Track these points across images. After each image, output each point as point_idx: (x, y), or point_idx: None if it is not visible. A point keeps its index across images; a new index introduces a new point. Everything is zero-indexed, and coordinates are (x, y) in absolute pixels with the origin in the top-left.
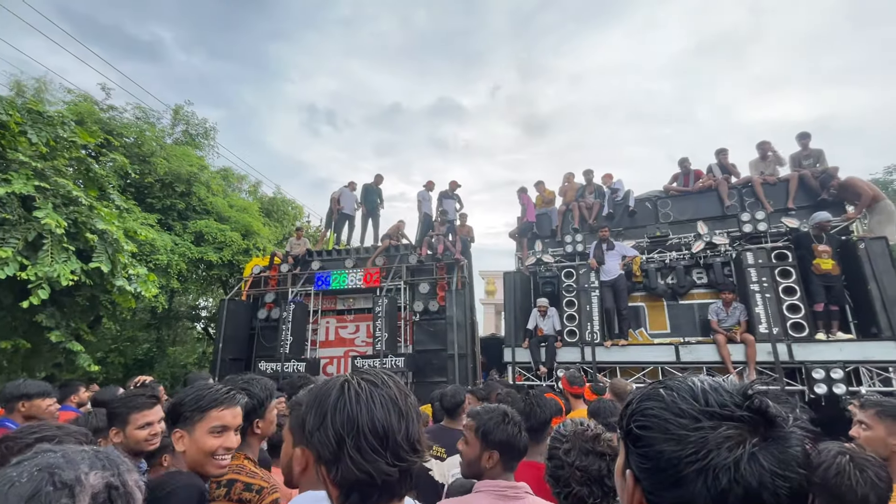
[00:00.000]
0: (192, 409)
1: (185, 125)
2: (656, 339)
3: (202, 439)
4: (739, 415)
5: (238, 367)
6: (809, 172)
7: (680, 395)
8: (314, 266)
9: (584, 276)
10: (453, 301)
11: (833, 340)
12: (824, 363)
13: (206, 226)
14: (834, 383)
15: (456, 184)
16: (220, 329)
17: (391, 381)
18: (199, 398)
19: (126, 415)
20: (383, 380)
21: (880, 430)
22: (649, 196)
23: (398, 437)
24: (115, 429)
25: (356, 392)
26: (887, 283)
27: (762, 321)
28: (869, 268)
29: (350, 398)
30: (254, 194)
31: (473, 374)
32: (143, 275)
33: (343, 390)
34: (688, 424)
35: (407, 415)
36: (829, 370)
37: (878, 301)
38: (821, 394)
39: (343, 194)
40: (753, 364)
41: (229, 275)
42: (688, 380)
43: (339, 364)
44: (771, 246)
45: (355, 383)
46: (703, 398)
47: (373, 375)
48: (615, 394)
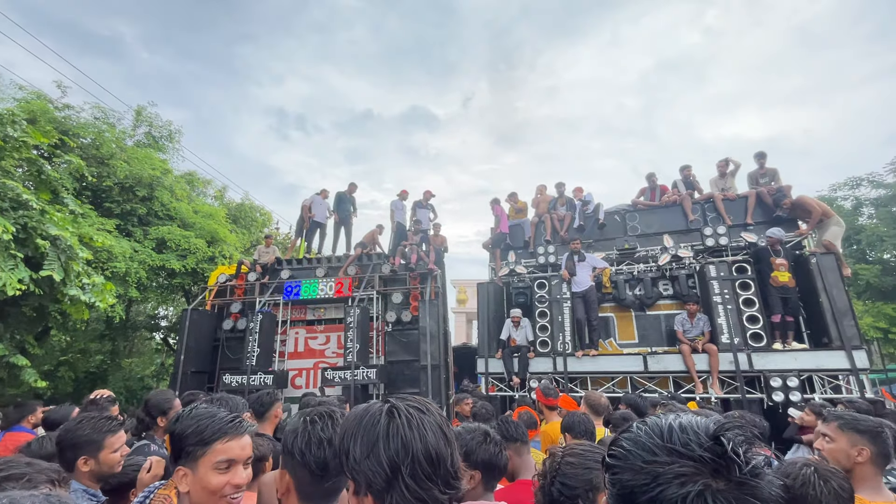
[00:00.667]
0: (193, 442)
1: (149, 127)
2: (625, 348)
3: (207, 477)
4: (699, 454)
5: (201, 380)
6: (766, 190)
7: (648, 431)
8: (283, 275)
9: (557, 287)
10: (426, 311)
11: (788, 350)
12: (781, 372)
13: (169, 232)
14: (790, 391)
15: (430, 193)
16: (181, 340)
17: (434, 407)
18: (201, 429)
19: (101, 440)
20: (428, 406)
21: (842, 443)
22: (618, 209)
23: (448, 464)
24: (84, 457)
25: (407, 418)
26: (836, 296)
27: (724, 331)
28: (820, 281)
29: (402, 424)
30: (220, 200)
31: (446, 385)
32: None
33: (393, 416)
34: (646, 457)
35: (452, 442)
36: (785, 378)
37: (828, 313)
38: (778, 401)
39: (315, 202)
40: (716, 373)
41: (193, 283)
42: (667, 417)
43: (308, 376)
44: (731, 259)
45: (404, 410)
46: (668, 435)
47: (418, 402)
48: (590, 406)
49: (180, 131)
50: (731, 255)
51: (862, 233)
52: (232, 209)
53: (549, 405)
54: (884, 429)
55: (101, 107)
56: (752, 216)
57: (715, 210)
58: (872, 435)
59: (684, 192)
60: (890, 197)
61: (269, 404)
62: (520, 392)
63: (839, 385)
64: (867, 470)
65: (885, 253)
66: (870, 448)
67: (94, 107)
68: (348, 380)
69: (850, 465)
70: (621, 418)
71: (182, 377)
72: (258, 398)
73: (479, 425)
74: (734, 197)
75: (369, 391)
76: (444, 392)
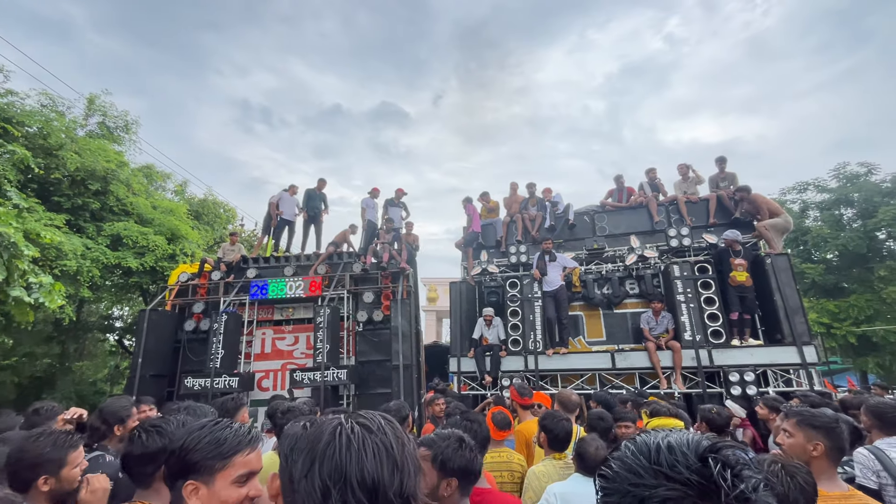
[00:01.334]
0: (211, 456)
1: (102, 116)
2: (594, 346)
3: (226, 491)
4: (686, 477)
5: (160, 384)
6: (725, 193)
7: (635, 452)
8: (250, 274)
9: (528, 286)
10: (398, 310)
11: (745, 346)
12: (739, 367)
13: (125, 228)
14: (747, 385)
15: (402, 191)
16: (139, 342)
17: (389, 426)
18: (220, 442)
19: (64, 457)
20: (380, 425)
21: (800, 438)
22: (587, 210)
23: (389, 492)
24: (45, 477)
25: (347, 437)
26: (789, 295)
27: (687, 329)
28: (774, 281)
29: (340, 444)
30: (181, 194)
31: (418, 385)
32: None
33: (334, 435)
34: (632, 479)
35: (402, 467)
36: (742, 373)
37: (781, 310)
38: (736, 395)
39: (283, 199)
40: (679, 369)
41: (151, 282)
42: (656, 435)
43: (275, 378)
44: (694, 259)
45: (348, 427)
46: (656, 456)
47: (368, 419)
48: (562, 404)
49: (137, 122)
50: (694, 256)
51: (808, 234)
52: (194, 205)
53: (523, 404)
54: (838, 424)
55: (48, 94)
56: (713, 217)
57: (678, 212)
58: (827, 430)
59: (650, 194)
60: (833, 201)
61: (234, 409)
62: (492, 390)
63: (791, 378)
64: (822, 463)
65: (828, 253)
66: (824, 443)
67: (41, 93)
68: (318, 381)
69: (807, 459)
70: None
71: (140, 381)
72: (222, 404)
73: (452, 431)
74: (697, 200)
75: (339, 392)
76: (416, 392)
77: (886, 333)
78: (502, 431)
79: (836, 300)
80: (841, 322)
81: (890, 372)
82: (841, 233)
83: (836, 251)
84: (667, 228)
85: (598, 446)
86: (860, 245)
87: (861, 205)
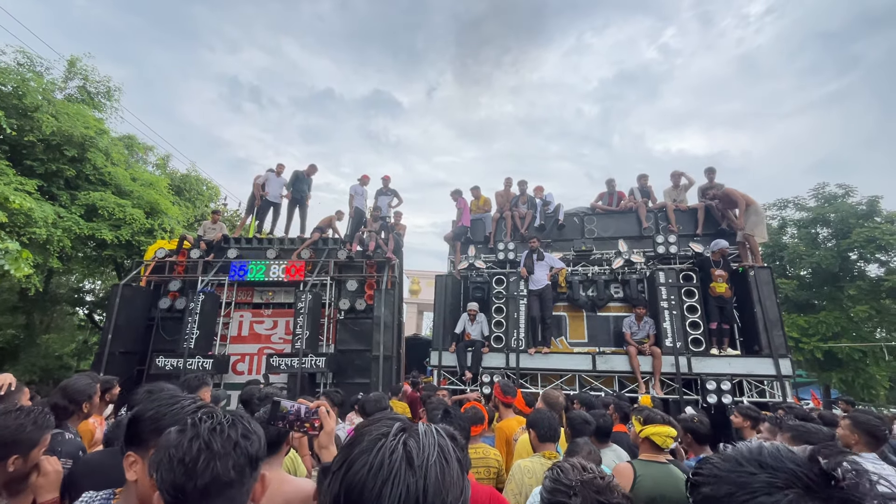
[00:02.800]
0: (150, 428)
1: (83, 80)
2: (575, 347)
3: None
4: (791, 468)
5: (129, 362)
6: (714, 204)
7: (736, 450)
8: (231, 254)
9: (514, 284)
10: (382, 300)
11: (724, 356)
12: (716, 375)
13: (102, 199)
14: (723, 394)
15: (388, 178)
16: (110, 317)
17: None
18: (159, 416)
19: (39, 438)
20: (426, 460)
21: None
22: (577, 211)
23: None
24: (15, 457)
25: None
26: (769, 308)
27: (668, 335)
28: (755, 293)
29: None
30: (163, 168)
31: (397, 377)
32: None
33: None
34: (733, 468)
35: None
36: (719, 382)
37: (760, 322)
38: (712, 403)
39: (269, 179)
40: (658, 375)
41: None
42: (750, 446)
43: (251, 362)
44: (679, 267)
45: (391, 445)
46: (758, 453)
47: (420, 444)
48: (547, 403)
49: (120, 89)
50: (680, 264)
51: (785, 250)
52: (176, 180)
53: (506, 402)
54: (834, 441)
55: (26, 52)
56: (701, 227)
57: (667, 219)
58: None
59: (640, 199)
60: (810, 220)
61: (196, 388)
62: (471, 386)
63: (764, 390)
64: None
65: (802, 270)
66: None
67: (18, 50)
68: (295, 367)
69: None
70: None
71: (108, 357)
72: (185, 381)
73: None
74: (686, 208)
75: (317, 380)
76: (395, 383)
77: (851, 351)
78: (475, 426)
79: (807, 315)
80: (809, 337)
81: (851, 387)
82: (816, 251)
83: (810, 268)
84: (654, 235)
85: (592, 450)
86: (833, 264)
87: (836, 225)
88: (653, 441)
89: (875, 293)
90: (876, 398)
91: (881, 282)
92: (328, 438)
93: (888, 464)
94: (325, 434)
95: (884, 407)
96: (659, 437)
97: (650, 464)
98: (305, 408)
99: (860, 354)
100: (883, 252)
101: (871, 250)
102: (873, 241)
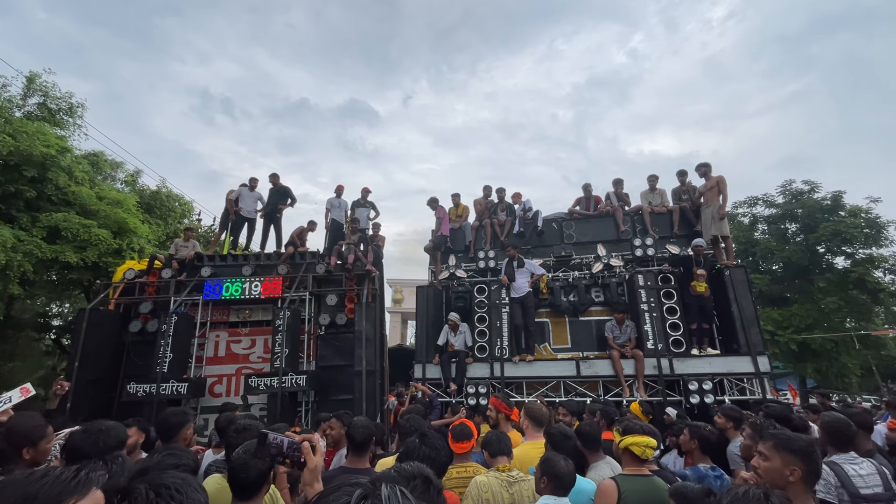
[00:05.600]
0: None
1: (43, 97)
2: (559, 353)
3: None
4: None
5: (99, 390)
6: (688, 206)
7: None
8: (204, 272)
9: (496, 292)
10: (363, 314)
11: (704, 356)
12: (698, 376)
13: (65, 220)
14: (705, 394)
15: (367, 190)
16: (76, 343)
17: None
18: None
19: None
20: None
21: (777, 462)
22: (556, 217)
23: None
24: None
25: None
26: (745, 307)
27: (650, 338)
28: (732, 292)
29: None
30: (132, 185)
31: (381, 391)
32: None
33: None
34: None
35: None
36: (701, 382)
37: (738, 321)
38: (695, 403)
39: (242, 194)
40: (642, 377)
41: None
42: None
43: (229, 383)
44: (657, 269)
45: None
46: None
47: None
48: (532, 418)
49: (83, 105)
50: (658, 266)
51: (756, 246)
52: (146, 197)
53: (508, 416)
54: (814, 448)
55: None
56: (677, 229)
57: (643, 222)
58: (804, 454)
59: (616, 203)
60: (779, 216)
61: (178, 426)
62: (456, 398)
63: (745, 387)
64: (798, 488)
65: (774, 264)
66: (801, 467)
67: None
68: (275, 387)
69: (783, 484)
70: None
71: (76, 385)
72: (164, 419)
73: (418, 469)
74: (663, 210)
75: (298, 398)
76: (379, 398)
77: (823, 341)
78: (462, 443)
79: (781, 309)
80: (784, 330)
81: (826, 377)
82: (786, 246)
83: (782, 263)
84: (632, 238)
85: (567, 462)
86: (802, 258)
87: (804, 220)
88: (633, 452)
89: (843, 285)
90: (849, 386)
91: (848, 273)
92: (312, 475)
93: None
94: (308, 471)
95: (857, 394)
96: (638, 448)
97: (634, 478)
98: (289, 441)
99: (832, 344)
100: (848, 245)
101: (837, 243)
102: (839, 235)
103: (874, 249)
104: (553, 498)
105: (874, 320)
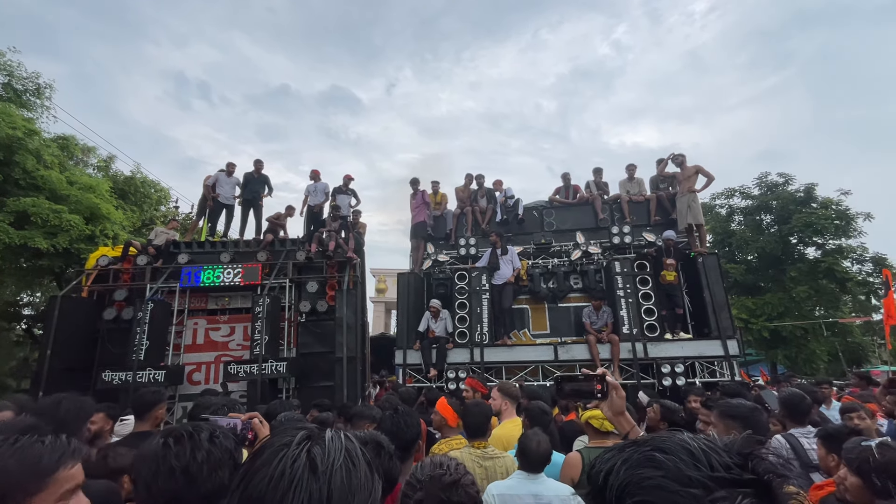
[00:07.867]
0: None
1: (7, 77)
2: (538, 339)
3: None
4: (747, 478)
5: (73, 379)
6: (665, 195)
7: (682, 460)
8: (181, 259)
9: (476, 279)
10: (344, 301)
11: (676, 340)
12: (670, 359)
13: (34, 205)
14: (677, 376)
15: (350, 177)
16: (48, 332)
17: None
18: (37, 460)
19: None
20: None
21: (721, 428)
22: (536, 205)
23: None
24: None
25: (282, 470)
26: (716, 292)
27: (625, 323)
28: (704, 279)
29: (270, 475)
30: (105, 171)
31: (362, 377)
32: None
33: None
34: (701, 496)
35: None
36: (673, 365)
37: (709, 306)
38: (667, 385)
39: (219, 180)
40: (617, 361)
41: (66, 266)
42: (679, 439)
43: (208, 370)
44: (633, 256)
45: (292, 455)
46: (707, 461)
47: (326, 450)
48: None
49: (51, 86)
50: (634, 253)
51: (733, 237)
52: (119, 182)
53: (485, 395)
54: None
55: None
56: (654, 217)
57: (621, 210)
58: (743, 418)
59: (596, 192)
60: (755, 207)
61: (151, 404)
62: (436, 383)
63: (715, 370)
64: None
65: (749, 255)
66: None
67: None
68: (254, 374)
69: None
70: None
71: (49, 374)
72: (140, 395)
73: (372, 435)
74: (641, 199)
75: (278, 385)
76: (360, 385)
77: (794, 329)
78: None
79: (754, 297)
80: (757, 318)
81: (795, 363)
82: (760, 236)
83: (756, 253)
84: (610, 226)
85: (540, 441)
86: (776, 248)
87: (778, 212)
88: (593, 426)
89: (813, 274)
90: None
91: (818, 263)
92: None
93: None
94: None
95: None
96: (596, 421)
97: (597, 450)
98: (239, 422)
99: (802, 332)
100: (819, 235)
101: (809, 234)
102: (811, 226)
103: (843, 240)
104: (524, 474)
105: (842, 308)
